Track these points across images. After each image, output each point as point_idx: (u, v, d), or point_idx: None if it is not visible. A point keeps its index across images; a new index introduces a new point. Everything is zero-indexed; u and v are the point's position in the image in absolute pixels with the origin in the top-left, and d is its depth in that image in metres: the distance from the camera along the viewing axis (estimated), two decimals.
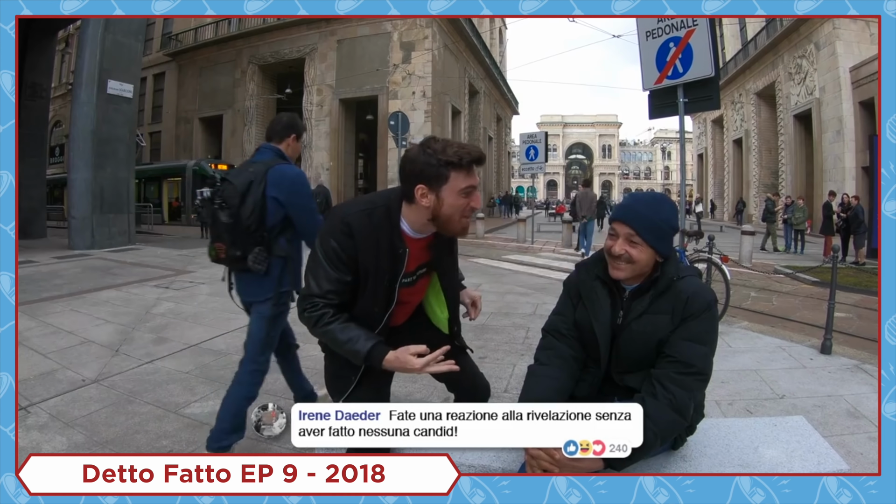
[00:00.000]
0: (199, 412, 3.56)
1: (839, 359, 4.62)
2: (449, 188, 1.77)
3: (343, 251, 1.83)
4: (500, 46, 46.38)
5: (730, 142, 36.83)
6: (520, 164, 19.83)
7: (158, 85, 32.92)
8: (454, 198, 1.78)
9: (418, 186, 1.78)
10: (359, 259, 1.85)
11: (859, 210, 13.30)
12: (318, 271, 1.87)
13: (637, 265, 1.75)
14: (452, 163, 1.76)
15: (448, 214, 1.79)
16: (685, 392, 1.67)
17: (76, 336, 5.31)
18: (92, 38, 13.20)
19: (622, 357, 1.79)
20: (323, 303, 1.87)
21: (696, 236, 7.02)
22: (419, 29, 24.58)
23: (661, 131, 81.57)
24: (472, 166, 1.79)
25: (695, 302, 1.73)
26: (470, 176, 1.79)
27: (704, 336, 1.73)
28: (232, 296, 2.89)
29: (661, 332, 1.73)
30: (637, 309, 1.78)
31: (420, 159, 1.78)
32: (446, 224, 1.82)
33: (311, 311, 1.88)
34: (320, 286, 1.86)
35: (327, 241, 1.85)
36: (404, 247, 1.87)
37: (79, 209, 13.26)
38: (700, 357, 1.70)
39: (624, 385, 1.80)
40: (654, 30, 6.49)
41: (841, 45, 22.13)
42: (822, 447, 1.89)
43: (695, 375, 1.69)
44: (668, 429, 1.67)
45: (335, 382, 2.08)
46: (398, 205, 1.87)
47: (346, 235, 1.83)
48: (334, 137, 26.51)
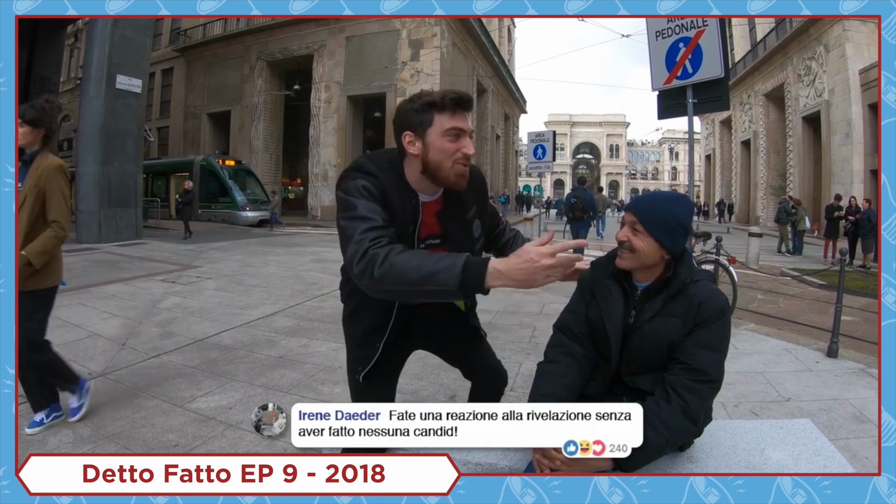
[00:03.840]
0: (205, 407, 3.57)
1: (845, 362, 4.60)
2: (434, 130, 1.71)
3: (372, 185, 1.72)
4: (509, 45, 46.31)
5: (738, 143, 36.67)
6: (527, 162, 19.81)
7: (167, 80, 33.02)
8: (440, 141, 1.71)
9: (405, 133, 1.75)
10: (386, 196, 1.73)
11: (871, 213, 13.18)
12: (357, 212, 1.66)
13: (639, 255, 1.75)
14: (434, 103, 1.71)
15: (437, 161, 1.72)
16: (698, 400, 1.66)
17: (83, 329, 5.34)
18: (101, 33, 13.25)
19: (633, 358, 1.79)
20: (386, 235, 1.64)
21: (704, 237, 6.99)
22: (427, 27, 24.55)
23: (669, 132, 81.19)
24: (457, 108, 1.73)
25: (708, 308, 1.72)
26: (455, 117, 1.73)
27: (717, 343, 1.72)
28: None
29: (673, 335, 1.72)
30: (650, 310, 1.77)
31: (404, 107, 1.77)
32: (436, 171, 1.74)
33: (376, 245, 1.59)
34: (371, 220, 1.65)
35: (354, 182, 1.73)
36: (415, 195, 1.80)
37: (86, 203, 13.32)
38: (714, 364, 1.69)
39: (633, 387, 1.79)
40: (663, 30, 6.46)
41: (850, 47, 22.01)
42: (829, 450, 1.88)
43: (709, 383, 1.69)
44: (680, 435, 1.68)
45: (357, 352, 2.03)
46: (399, 160, 1.81)
47: (366, 173, 1.75)
48: (341, 134, 26.51)
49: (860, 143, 21.34)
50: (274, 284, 7.99)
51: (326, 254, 11.60)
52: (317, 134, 26.92)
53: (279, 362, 4.52)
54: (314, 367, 4.39)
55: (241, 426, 3.25)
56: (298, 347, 4.92)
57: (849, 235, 13.89)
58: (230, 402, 3.66)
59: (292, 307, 6.52)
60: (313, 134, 27.15)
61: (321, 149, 26.88)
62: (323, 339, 5.20)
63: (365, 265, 1.55)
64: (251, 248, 13.04)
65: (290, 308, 6.47)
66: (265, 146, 29.20)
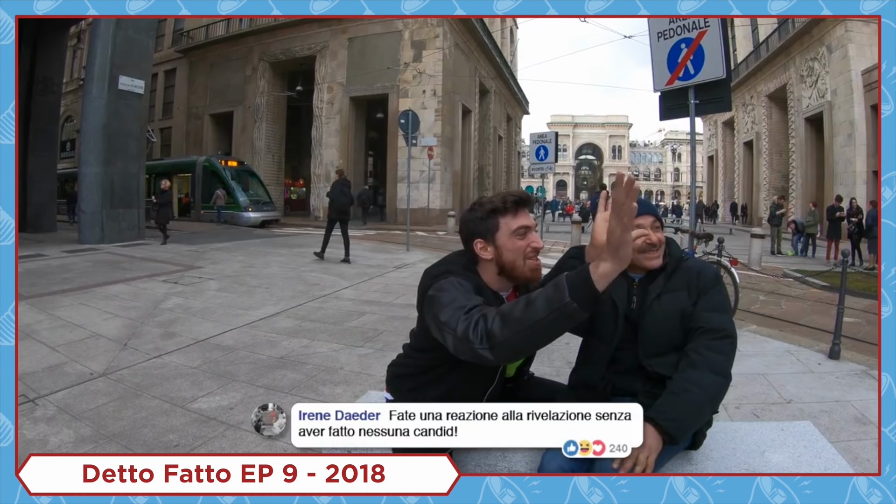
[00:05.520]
0: (207, 407, 3.57)
1: (847, 364, 4.59)
2: (502, 234, 1.80)
3: (464, 279, 1.74)
4: (511, 46, 46.29)
5: (740, 144, 36.62)
6: (530, 163, 19.80)
7: (169, 81, 33.08)
8: (510, 241, 1.79)
9: (476, 241, 1.83)
10: (481, 293, 1.74)
11: (875, 214, 13.16)
12: (458, 303, 1.61)
13: (661, 248, 1.93)
14: (496, 209, 1.81)
15: (511, 260, 1.80)
16: (722, 356, 1.80)
17: (85, 330, 5.34)
18: (104, 34, 13.27)
19: (649, 339, 1.88)
20: (478, 309, 1.56)
21: (706, 238, 6.99)
22: (430, 28, 24.55)
23: (672, 133, 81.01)
24: (519, 207, 1.82)
25: (705, 276, 1.92)
26: (519, 217, 1.81)
27: (723, 305, 1.90)
28: None
29: (682, 305, 1.88)
30: (653, 291, 1.91)
31: (468, 218, 1.86)
32: (512, 270, 1.81)
33: (468, 320, 1.51)
34: (474, 301, 1.62)
35: (447, 279, 1.73)
36: (500, 294, 1.84)
37: (89, 204, 13.33)
38: (727, 322, 1.86)
39: (653, 371, 1.86)
40: (665, 30, 6.45)
41: (853, 48, 21.99)
42: (829, 452, 1.88)
43: (727, 338, 1.83)
44: (716, 391, 1.76)
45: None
46: (472, 264, 1.86)
47: (455, 273, 1.78)
48: (344, 135, 26.53)
49: (863, 145, 21.32)
50: (276, 285, 7.99)
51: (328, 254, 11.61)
52: (319, 135, 26.94)
53: (280, 363, 4.52)
54: (315, 368, 4.39)
55: (241, 427, 3.25)
56: (300, 348, 4.93)
57: (851, 237, 13.86)
58: (231, 402, 3.66)
59: (294, 308, 6.52)
60: (316, 135, 27.17)
61: (324, 150, 26.91)
62: (324, 340, 5.21)
63: (481, 331, 1.46)
64: (253, 248, 13.05)
65: (291, 309, 6.47)
66: (267, 147, 29.24)
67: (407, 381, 1.92)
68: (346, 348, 4.95)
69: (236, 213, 22.68)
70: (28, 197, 14.97)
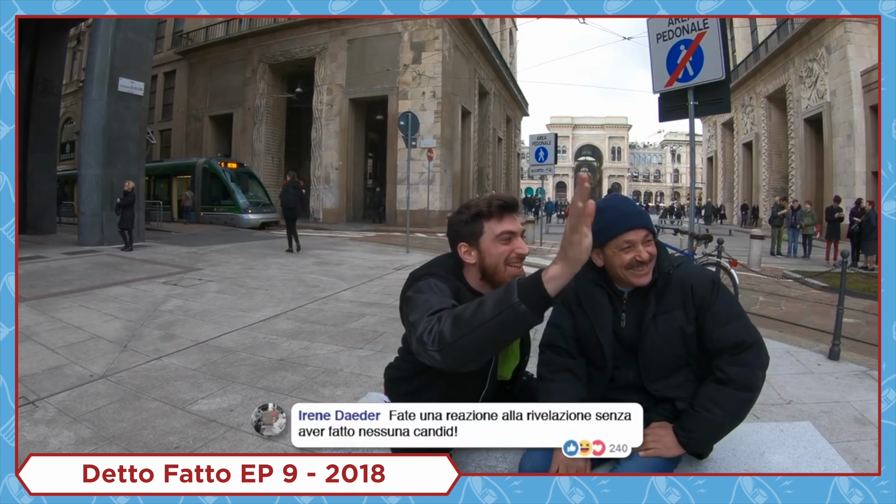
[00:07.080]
0: (206, 409, 3.57)
1: (847, 365, 4.59)
2: (486, 238, 1.78)
3: (443, 282, 1.73)
4: (511, 47, 46.31)
5: (740, 145, 36.67)
6: (529, 165, 19.81)
7: (169, 83, 33.07)
8: (494, 246, 1.77)
9: (459, 245, 1.82)
10: (460, 297, 1.72)
11: (873, 215, 13.18)
12: (426, 303, 1.60)
13: (653, 263, 1.78)
14: (481, 213, 1.79)
15: (493, 264, 1.78)
16: (746, 369, 1.68)
17: (84, 331, 5.35)
18: (103, 36, 13.30)
19: (652, 365, 1.79)
20: (446, 311, 1.51)
21: (705, 240, 6.98)
22: (429, 29, 24.55)
23: (671, 134, 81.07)
24: (504, 212, 1.80)
25: (700, 287, 1.76)
26: (504, 222, 1.79)
27: (732, 310, 1.75)
28: None
29: (681, 324, 1.75)
30: (647, 312, 1.78)
31: (454, 220, 1.85)
32: (493, 275, 1.79)
33: (429, 322, 1.48)
34: (435, 307, 1.57)
35: (425, 281, 1.73)
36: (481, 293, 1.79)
37: (88, 206, 13.35)
38: (743, 330, 1.71)
39: (660, 396, 1.79)
40: (664, 32, 6.45)
41: (852, 48, 22.00)
42: (829, 453, 1.88)
43: (749, 349, 1.69)
44: (739, 408, 1.69)
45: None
46: (458, 268, 1.85)
47: (435, 276, 1.77)
48: (344, 137, 26.52)
49: (862, 145, 21.33)
50: (276, 287, 8.00)
51: (328, 256, 11.61)
52: (319, 136, 26.93)
53: (280, 365, 4.52)
54: (315, 370, 4.39)
55: (241, 428, 3.25)
56: (300, 350, 4.93)
57: (852, 237, 13.87)
58: (231, 404, 3.66)
59: (294, 310, 6.52)
60: (315, 136, 27.16)
61: (323, 151, 26.90)
62: (324, 341, 5.21)
63: (435, 332, 1.43)
64: (253, 250, 13.05)
65: (291, 311, 6.47)
66: (267, 149, 29.22)
67: (402, 384, 1.91)
68: (346, 350, 4.96)
69: (236, 215, 22.67)
70: (28, 198, 14.98)
